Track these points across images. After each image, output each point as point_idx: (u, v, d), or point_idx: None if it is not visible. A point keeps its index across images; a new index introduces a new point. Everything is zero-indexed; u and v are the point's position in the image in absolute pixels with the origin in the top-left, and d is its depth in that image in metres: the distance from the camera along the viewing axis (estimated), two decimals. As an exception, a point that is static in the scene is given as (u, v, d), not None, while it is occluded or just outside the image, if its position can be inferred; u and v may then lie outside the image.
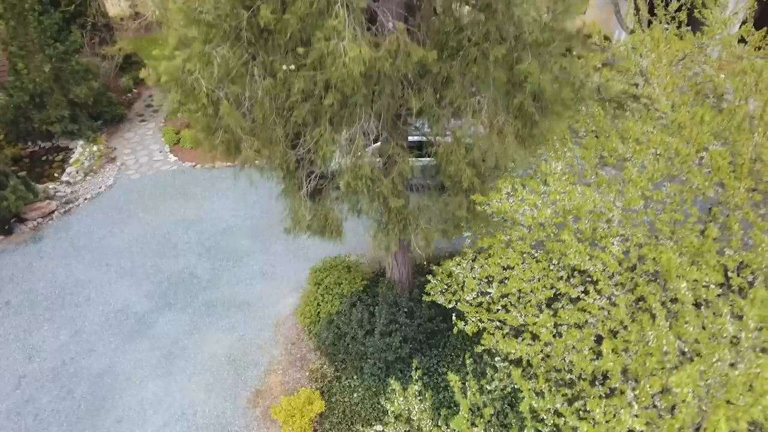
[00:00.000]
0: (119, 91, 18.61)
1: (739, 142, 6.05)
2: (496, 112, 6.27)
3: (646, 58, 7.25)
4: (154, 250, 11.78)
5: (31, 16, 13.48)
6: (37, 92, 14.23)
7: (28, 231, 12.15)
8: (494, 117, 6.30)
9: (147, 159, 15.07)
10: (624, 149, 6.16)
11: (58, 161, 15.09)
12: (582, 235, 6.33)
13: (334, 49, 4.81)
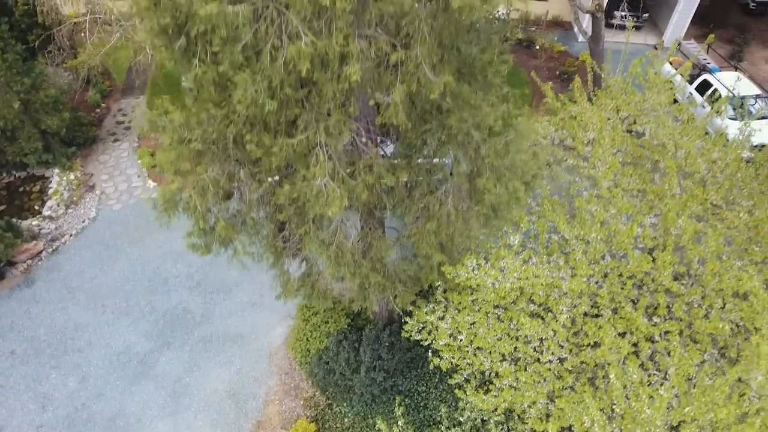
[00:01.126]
0: (87, 107, 18.48)
1: (668, 219, 7.09)
2: (461, 199, 7.14)
3: (591, 131, 8.12)
4: (146, 286, 12.44)
5: (-7, 54, 13.34)
6: (8, 127, 14.23)
7: (19, 275, 12.59)
8: (458, 204, 7.17)
9: (126, 186, 15.38)
10: (569, 232, 7.14)
11: (36, 192, 15.28)
12: (536, 300, 7.39)
13: (316, 192, 5.54)
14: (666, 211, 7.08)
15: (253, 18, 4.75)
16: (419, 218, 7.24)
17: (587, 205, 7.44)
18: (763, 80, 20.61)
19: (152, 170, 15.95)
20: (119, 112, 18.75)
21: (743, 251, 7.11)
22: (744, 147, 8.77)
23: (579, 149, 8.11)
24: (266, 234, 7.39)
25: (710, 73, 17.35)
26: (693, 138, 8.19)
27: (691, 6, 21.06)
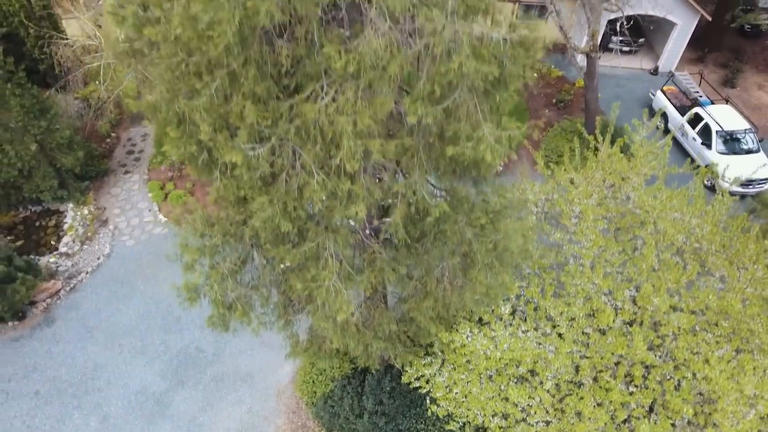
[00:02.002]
0: (98, 136, 19.12)
1: (644, 297, 7.74)
2: (456, 275, 7.80)
3: (577, 206, 8.73)
4: (159, 325, 13.15)
5: (12, 101, 13.93)
6: (26, 167, 14.87)
7: (39, 314, 13.30)
8: (454, 279, 7.82)
9: (138, 221, 16.04)
10: (554, 310, 7.80)
11: (51, 227, 15.96)
12: (524, 366, 8.07)
13: (325, 292, 6.19)
14: (642, 291, 7.73)
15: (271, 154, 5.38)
16: (417, 293, 7.90)
17: (572, 279, 8.09)
18: (755, 107, 21.14)
19: (162, 204, 16.61)
20: (129, 141, 19.38)
21: (713, 325, 7.75)
22: (721, 214, 9.38)
23: (565, 222, 8.73)
24: (277, 305, 8.05)
25: (701, 106, 17.87)
26: (672, 210, 8.80)
27: (687, 32, 21.52)
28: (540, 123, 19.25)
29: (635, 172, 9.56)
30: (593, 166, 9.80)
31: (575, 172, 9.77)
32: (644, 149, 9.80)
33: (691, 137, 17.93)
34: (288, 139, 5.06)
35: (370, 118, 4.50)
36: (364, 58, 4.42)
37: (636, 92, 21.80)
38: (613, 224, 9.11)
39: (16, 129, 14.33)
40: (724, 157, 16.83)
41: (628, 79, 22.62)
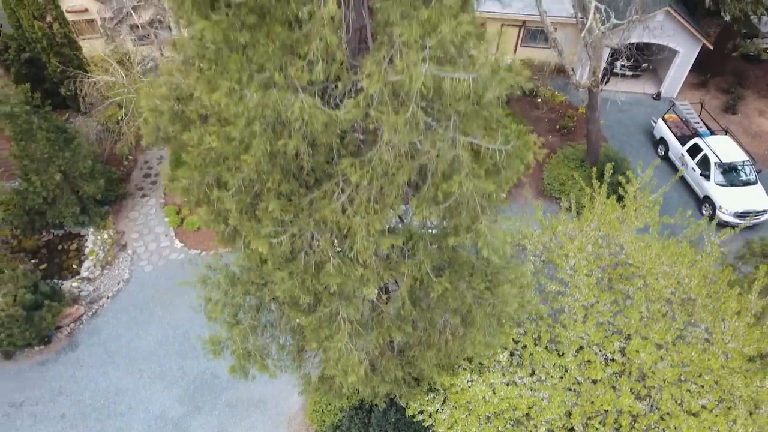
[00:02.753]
0: (116, 160, 19.88)
1: (631, 351, 8.32)
2: (456, 329, 8.41)
3: (572, 259, 9.30)
4: (177, 351, 13.86)
5: (38, 134, 14.68)
6: (50, 196, 15.63)
7: (64, 338, 14.05)
8: (455, 332, 8.44)
9: (155, 246, 16.77)
10: (548, 362, 8.40)
11: (73, 250, 16.72)
12: (520, 411, 8.67)
13: (337, 354, 6.83)
14: (631, 345, 8.31)
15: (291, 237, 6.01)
16: (422, 343, 8.53)
17: (565, 331, 8.68)
18: (755, 134, 21.56)
19: (179, 229, 17.32)
20: (145, 164, 20.13)
21: (697, 377, 8.31)
22: (709, 266, 9.93)
23: (561, 275, 9.30)
24: (291, 351, 8.70)
25: (700, 137, 18.33)
26: (661, 265, 9.34)
27: (689, 59, 21.95)
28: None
29: (627, 225, 10.11)
30: (589, 216, 10.35)
31: (572, 221, 10.33)
32: (637, 203, 10.33)
33: (690, 167, 18.40)
34: (308, 228, 5.70)
35: (380, 223, 5.13)
36: (377, 170, 5.05)
37: (638, 118, 22.27)
38: (606, 273, 9.68)
39: (41, 160, 15.09)
40: (722, 188, 17.30)
41: (630, 103, 23.06)
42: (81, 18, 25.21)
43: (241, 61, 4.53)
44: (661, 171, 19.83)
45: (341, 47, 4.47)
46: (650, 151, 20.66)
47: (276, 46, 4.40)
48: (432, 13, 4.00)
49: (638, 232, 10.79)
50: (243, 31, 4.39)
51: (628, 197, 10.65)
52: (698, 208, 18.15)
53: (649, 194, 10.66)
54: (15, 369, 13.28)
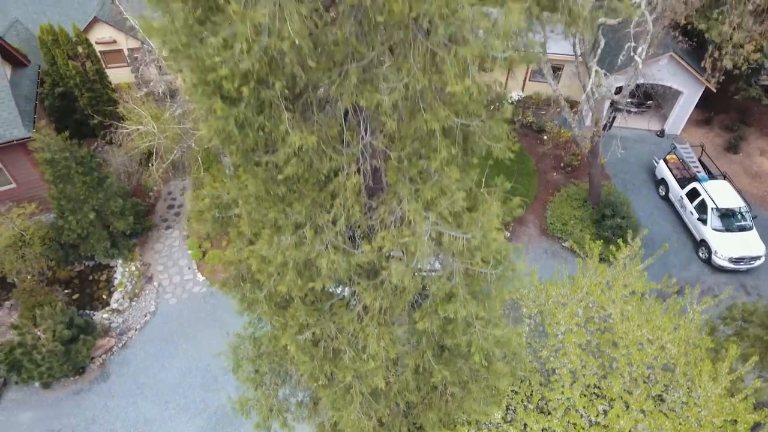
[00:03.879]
0: (142, 191, 21.09)
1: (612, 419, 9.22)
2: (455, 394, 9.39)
3: (563, 326, 10.20)
4: (200, 383, 14.98)
5: (76, 178, 15.88)
6: (84, 232, 16.84)
7: (96, 369, 15.24)
8: (454, 395, 9.42)
9: (179, 278, 17.92)
10: (536, 425, 9.33)
11: (103, 281, 17.92)
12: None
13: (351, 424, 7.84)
14: (612, 411, 9.21)
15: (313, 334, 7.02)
16: (424, 404, 9.51)
17: (552, 394, 9.60)
18: (755, 174, 22.19)
19: (201, 262, 18.46)
20: (169, 195, 21.32)
21: (676, 441, 9.19)
22: (691, 331, 10.77)
23: (552, 341, 10.22)
24: (308, 406, 9.74)
25: (699, 182, 19.05)
26: (644, 335, 10.20)
27: (693, 100, 22.63)
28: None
29: (615, 293, 10.98)
30: (582, 280, 11.22)
31: (565, 286, 11.22)
32: (625, 272, 11.18)
33: (688, 210, 19.14)
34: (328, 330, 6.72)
35: (390, 336, 6.12)
36: (387, 291, 6.05)
37: (641, 155, 23.00)
38: (595, 336, 10.57)
39: (77, 200, 16.29)
40: (718, 233, 18.03)
41: (634, 140, 23.80)
42: (109, 48, 26.58)
43: (278, 212, 5.56)
44: (661, 211, 20.63)
45: (360, 202, 5.48)
46: (652, 190, 21.39)
47: (308, 202, 5.42)
48: (432, 193, 4.99)
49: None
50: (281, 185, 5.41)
51: (617, 264, 11.52)
52: (695, 250, 18.88)
53: (638, 263, 11.49)
54: (53, 398, 14.49)
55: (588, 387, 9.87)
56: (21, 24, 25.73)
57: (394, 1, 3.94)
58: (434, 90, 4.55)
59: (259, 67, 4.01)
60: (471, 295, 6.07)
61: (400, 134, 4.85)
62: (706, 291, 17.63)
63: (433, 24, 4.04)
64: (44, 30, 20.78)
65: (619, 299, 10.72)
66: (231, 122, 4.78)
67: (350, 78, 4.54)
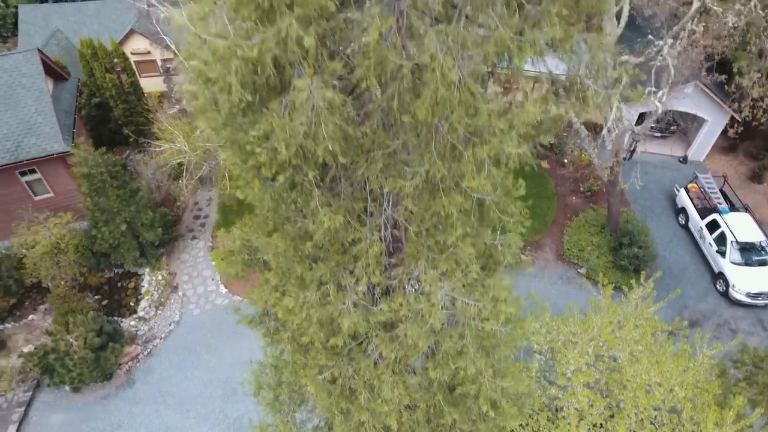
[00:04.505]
0: (170, 201, 21.89)
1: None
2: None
3: (572, 365, 10.47)
4: (219, 394, 15.60)
5: (110, 192, 16.67)
6: (115, 242, 17.64)
7: (123, 375, 15.99)
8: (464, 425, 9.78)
9: (203, 289, 18.62)
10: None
11: (131, 289, 18.73)
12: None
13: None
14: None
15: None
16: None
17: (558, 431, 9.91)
18: (779, 206, 21.95)
19: (224, 275, 19.11)
20: (195, 206, 22.08)
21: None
22: (700, 375, 10.92)
23: (560, 381, 10.50)
24: (323, 429, 10.21)
25: (719, 214, 18.99)
26: (651, 378, 10.41)
27: (717, 128, 22.50)
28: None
29: (626, 334, 11.19)
30: (592, 323, 11.46)
31: (576, 324, 11.48)
32: (634, 320, 11.37)
33: (707, 242, 19.09)
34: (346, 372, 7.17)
35: (404, 385, 6.54)
36: (403, 345, 6.46)
37: (663, 182, 22.94)
38: (604, 375, 10.81)
39: (110, 212, 17.09)
40: (737, 267, 17.97)
41: (656, 165, 23.74)
42: (143, 58, 27.55)
43: (304, 268, 6.02)
44: (680, 240, 20.60)
45: (381, 266, 5.91)
46: (672, 218, 21.37)
47: (332, 264, 5.88)
48: (448, 265, 5.39)
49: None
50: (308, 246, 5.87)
51: (629, 304, 11.71)
52: (713, 282, 18.83)
53: (650, 305, 11.66)
54: (82, 402, 15.27)
55: (594, 426, 10.13)
56: (62, 33, 26.88)
57: (418, 106, 4.37)
58: (453, 176, 4.95)
59: (295, 160, 4.47)
60: (481, 349, 6.44)
61: (420, 212, 5.27)
62: (722, 324, 17.63)
63: (453, 125, 4.45)
64: (84, 44, 21.76)
65: (629, 339, 10.94)
66: (267, 197, 5.26)
67: (376, 163, 4.98)
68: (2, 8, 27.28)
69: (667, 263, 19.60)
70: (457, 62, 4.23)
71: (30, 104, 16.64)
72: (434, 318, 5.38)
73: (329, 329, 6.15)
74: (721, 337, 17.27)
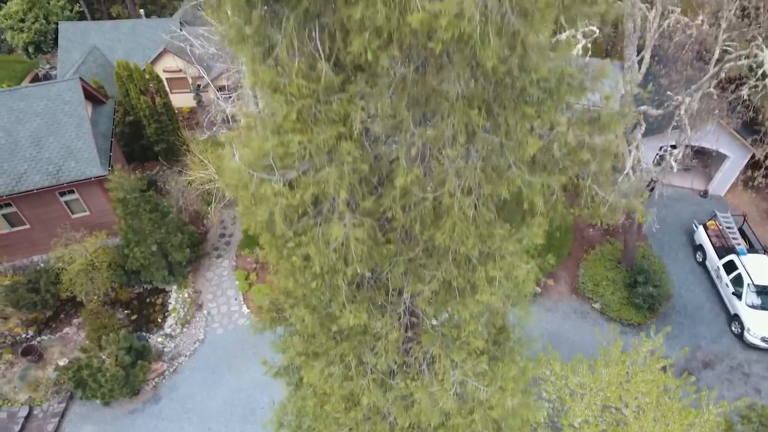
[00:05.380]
0: (197, 218, 22.77)
1: None
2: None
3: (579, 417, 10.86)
4: (239, 414, 16.33)
5: (143, 215, 17.55)
6: (146, 262, 18.53)
7: (149, 391, 16.85)
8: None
9: (226, 308, 19.41)
10: None
11: (158, 305, 19.63)
12: None
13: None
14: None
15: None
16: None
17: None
18: (800, 245, 21.80)
19: (246, 294, 19.89)
20: (221, 224, 22.91)
21: None
22: (708, 429, 11.20)
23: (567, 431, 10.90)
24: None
25: (737, 255, 19.02)
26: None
27: (739, 164, 22.46)
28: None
29: (633, 389, 11.51)
30: (601, 375, 11.81)
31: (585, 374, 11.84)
32: (641, 375, 11.67)
33: (724, 282, 19.16)
34: (362, 430, 7.73)
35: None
36: (417, 413, 7.00)
37: (682, 216, 22.97)
38: (610, 427, 11.18)
39: (143, 233, 17.97)
40: (753, 310, 18.00)
41: (676, 199, 23.75)
42: (174, 76, 28.58)
43: (328, 339, 6.61)
44: (696, 277, 20.68)
45: (399, 349, 6.46)
46: (689, 255, 21.42)
47: (355, 342, 6.45)
48: (460, 356, 5.91)
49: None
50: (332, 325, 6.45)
51: (638, 357, 12.01)
52: (728, 323, 18.89)
53: (658, 360, 11.94)
54: (111, 415, 16.16)
55: (599, 478, 10.51)
56: (98, 50, 28.07)
57: (437, 232, 4.91)
58: (467, 283, 5.47)
59: (327, 275, 5.05)
60: (490, 422, 6.94)
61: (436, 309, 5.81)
62: (735, 368, 17.72)
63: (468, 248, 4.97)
64: (120, 65, 22.77)
65: (636, 392, 11.27)
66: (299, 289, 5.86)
67: (398, 267, 5.53)
68: (44, 25, 28.58)
69: (682, 301, 19.72)
70: (474, 196, 4.76)
71: (71, 130, 17.62)
72: (445, 403, 5.91)
73: (350, 402, 6.71)
74: (733, 380, 17.40)
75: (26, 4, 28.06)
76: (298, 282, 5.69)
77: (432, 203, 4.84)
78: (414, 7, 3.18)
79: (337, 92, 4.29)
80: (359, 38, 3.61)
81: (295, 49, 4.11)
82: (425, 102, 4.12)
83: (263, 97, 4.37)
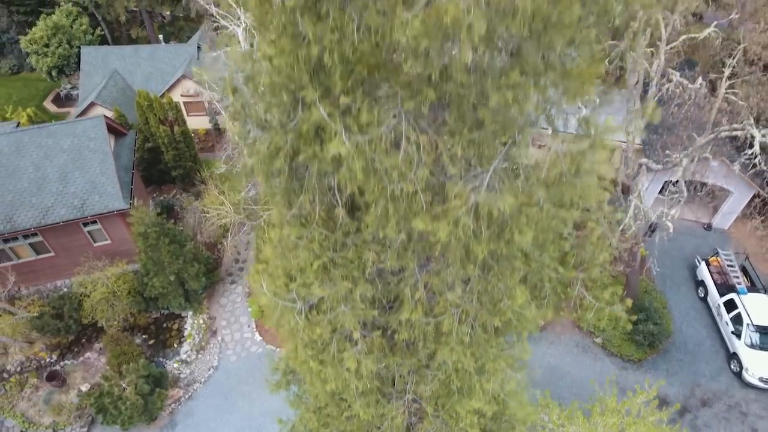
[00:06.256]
0: (211, 244, 23.59)
1: None
2: None
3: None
4: (251, 442, 17.09)
5: (162, 248, 18.37)
6: (164, 291, 19.37)
7: (166, 416, 17.66)
8: None
9: (239, 336, 20.18)
10: None
11: (174, 330, 20.45)
12: None
13: None
14: None
15: None
16: None
17: None
18: (802, 282, 22.10)
19: (259, 322, 20.65)
20: (234, 249, 23.69)
21: None
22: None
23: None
24: None
25: (738, 294, 19.42)
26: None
27: (742, 200, 22.81)
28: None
29: None
30: (596, 426, 12.36)
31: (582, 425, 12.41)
32: (634, 428, 12.20)
33: (724, 320, 19.56)
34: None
35: None
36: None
37: (685, 249, 23.35)
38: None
39: (161, 264, 18.80)
40: (752, 350, 18.39)
41: (680, 231, 24.07)
42: (191, 100, 29.48)
43: (339, 414, 7.28)
44: (698, 313, 21.09)
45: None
46: (691, 290, 21.82)
47: (364, 422, 7.11)
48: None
49: None
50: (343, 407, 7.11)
51: (632, 408, 12.55)
52: (728, 361, 19.29)
53: (653, 412, 12.47)
54: (129, 440, 17.01)
55: None
56: (119, 74, 29.04)
57: (438, 348, 5.56)
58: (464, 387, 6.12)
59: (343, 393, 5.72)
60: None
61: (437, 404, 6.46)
62: (733, 406, 18.14)
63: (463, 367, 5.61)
64: (141, 95, 23.67)
65: None
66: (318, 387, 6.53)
67: (403, 368, 6.19)
68: (67, 49, 29.61)
69: (683, 337, 20.15)
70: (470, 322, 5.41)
71: (95, 165, 18.49)
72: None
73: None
74: (730, 419, 17.82)
75: (50, 30, 29.09)
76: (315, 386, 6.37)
77: (434, 325, 5.50)
78: (418, 216, 3.84)
79: (352, 235, 4.97)
80: (373, 220, 4.28)
81: (315, 200, 4.79)
82: (426, 261, 4.77)
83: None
